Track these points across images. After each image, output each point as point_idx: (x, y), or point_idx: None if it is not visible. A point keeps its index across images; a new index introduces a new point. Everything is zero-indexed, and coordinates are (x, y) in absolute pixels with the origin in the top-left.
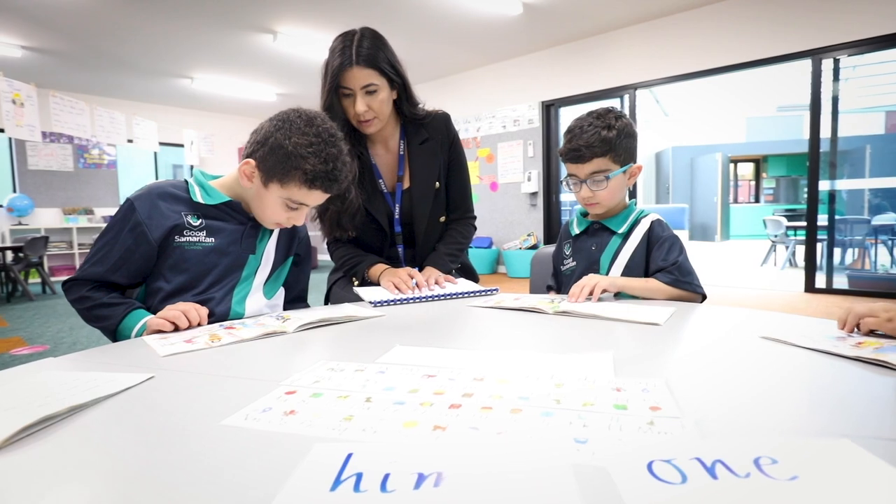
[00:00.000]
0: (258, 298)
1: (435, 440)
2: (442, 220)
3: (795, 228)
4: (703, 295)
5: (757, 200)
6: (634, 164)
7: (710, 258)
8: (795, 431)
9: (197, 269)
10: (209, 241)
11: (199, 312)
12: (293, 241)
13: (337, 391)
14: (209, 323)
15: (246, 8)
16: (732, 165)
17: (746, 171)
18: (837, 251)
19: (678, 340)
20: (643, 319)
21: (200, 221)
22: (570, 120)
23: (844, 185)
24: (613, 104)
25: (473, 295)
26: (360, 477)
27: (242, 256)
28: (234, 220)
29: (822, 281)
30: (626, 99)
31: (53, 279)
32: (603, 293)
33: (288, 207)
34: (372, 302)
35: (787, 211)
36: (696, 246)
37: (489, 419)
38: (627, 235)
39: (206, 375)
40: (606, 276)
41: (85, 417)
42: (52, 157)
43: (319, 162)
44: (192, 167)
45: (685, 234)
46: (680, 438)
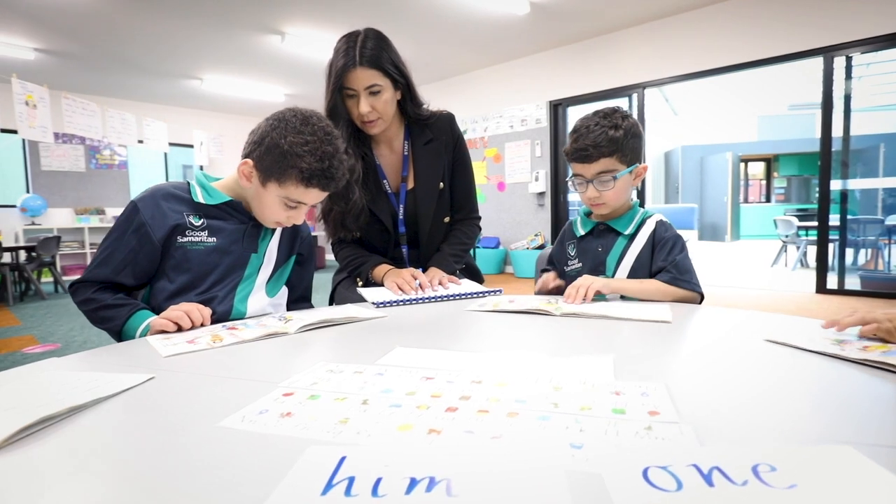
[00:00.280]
0: (260, 297)
1: (429, 444)
2: (446, 220)
3: (807, 228)
4: (700, 294)
5: (768, 200)
6: (640, 164)
7: (719, 258)
8: (797, 437)
9: (199, 268)
10: (211, 240)
11: (201, 313)
12: (296, 240)
13: (334, 393)
14: (212, 322)
15: (254, 9)
16: (743, 165)
17: (757, 170)
18: (850, 252)
19: (681, 342)
20: (653, 318)
21: (202, 221)
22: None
23: (857, 184)
24: (622, 103)
25: (477, 296)
26: (352, 481)
27: (244, 255)
28: (235, 219)
29: (833, 282)
30: (634, 98)
31: (65, 278)
32: (597, 294)
33: (287, 206)
34: (375, 303)
35: (798, 211)
36: (705, 246)
37: (485, 423)
38: (633, 236)
39: (206, 376)
40: (601, 278)
41: (85, 418)
42: (64, 157)
43: (315, 160)
44: (200, 167)
45: (694, 234)
46: (677, 444)
